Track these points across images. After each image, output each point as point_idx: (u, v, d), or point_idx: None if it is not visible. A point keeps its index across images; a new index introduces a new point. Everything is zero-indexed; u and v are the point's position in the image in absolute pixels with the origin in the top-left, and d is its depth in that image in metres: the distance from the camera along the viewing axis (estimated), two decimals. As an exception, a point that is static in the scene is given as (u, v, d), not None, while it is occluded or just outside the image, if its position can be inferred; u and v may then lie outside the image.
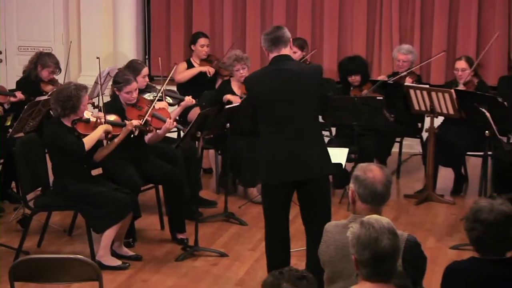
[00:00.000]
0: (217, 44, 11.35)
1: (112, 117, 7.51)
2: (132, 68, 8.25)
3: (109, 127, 7.24)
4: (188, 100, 8.50)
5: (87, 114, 7.30)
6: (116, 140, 7.36)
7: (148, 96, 8.14)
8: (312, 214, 6.07)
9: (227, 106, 8.25)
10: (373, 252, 3.88)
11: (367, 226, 3.93)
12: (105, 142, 7.41)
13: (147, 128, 7.60)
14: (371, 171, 4.78)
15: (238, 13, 11.72)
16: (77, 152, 7.10)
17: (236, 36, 11.65)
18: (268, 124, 6.12)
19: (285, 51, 6.10)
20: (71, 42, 10.44)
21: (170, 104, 8.56)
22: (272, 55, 6.12)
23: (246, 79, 6.63)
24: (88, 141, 7.08)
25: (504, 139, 8.78)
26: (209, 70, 9.84)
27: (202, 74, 9.88)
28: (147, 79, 8.50)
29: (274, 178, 6.17)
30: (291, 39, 6.21)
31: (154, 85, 8.72)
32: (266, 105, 6.12)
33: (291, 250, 6.33)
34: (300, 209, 6.24)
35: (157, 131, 7.76)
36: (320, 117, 6.81)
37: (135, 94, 7.76)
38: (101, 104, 7.83)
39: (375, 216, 4.12)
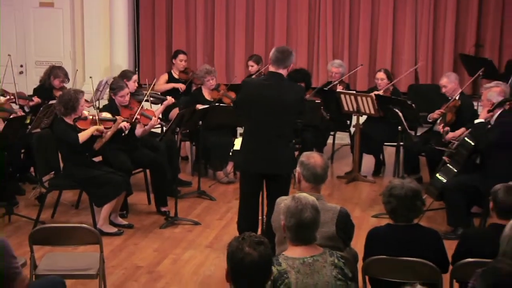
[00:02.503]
0: (192, 59, 11.31)
1: (107, 115, 7.53)
2: (125, 75, 8.33)
3: (100, 127, 7.21)
4: (170, 100, 8.52)
5: (85, 113, 7.32)
6: (109, 132, 7.36)
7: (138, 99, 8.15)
8: (274, 197, 6.07)
9: (200, 108, 8.25)
10: (297, 221, 3.91)
11: (297, 200, 3.98)
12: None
13: (134, 121, 7.62)
14: (313, 157, 4.85)
15: (208, 34, 11.70)
16: (73, 143, 7.08)
17: (207, 52, 11.66)
18: (252, 125, 6.12)
19: (282, 71, 5.98)
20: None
21: (154, 103, 8.57)
22: (270, 68, 6.06)
23: (244, 81, 6.47)
24: (82, 136, 7.07)
25: (413, 132, 8.85)
26: (181, 87, 9.78)
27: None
28: (136, 84, 8.51)
29: (248, 168, 6.21)
30: (292, 65, 6.07)
31: (142, 90, 8.73)
32: (251, 109, 6.06)
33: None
34: (266, 192, 6.24)
35: (145, 126, 7.77)
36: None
37: (127, 98, 7.78)
38: (99, 106, 7.86)
39: (304, 194, 4.17)
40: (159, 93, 9.53)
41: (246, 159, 6.21)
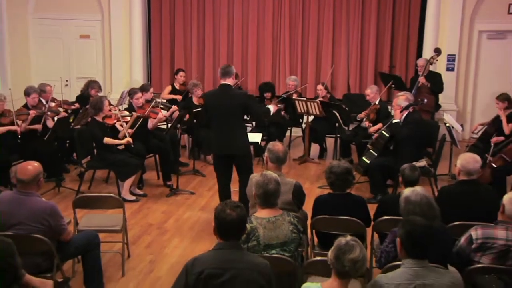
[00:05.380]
0: (188, 75, 11.22)
1: (126, 112, 7.69)
2: (145, 88, 8.37)
3: (123, 142, 7.22)
4: (174, 108, 8.47)
5: (111, 112, 7.41)
6: (128, 124, 7.38)
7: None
8: (241, 172, 6.08)
9: (194, 110, 8.23)
10: (263, 190, 3.96)
11: (264, 176, 4.03)
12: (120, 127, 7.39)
13: (146, 115, 7.65)
14: (277, 145, 4.90)
15: (200, 56, 11.63)
16: (98, 141, 7.10)
17: (199, 69, 11.62)
18: (215, 122, 6.11)
19: (229, 80, 6.01)
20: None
21: (164, 109, 8.55)
22: (221, 81, 6.06)
23: (204, 95, 6.59)
24: (107, 141, 7.07)
25: (346, 128, 8.90)
26: (178, 98, 9.69)
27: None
28: (152, 94, 8.52)
29: (217, 151, 6.21)
30: (234, 73, 6.14)
31: (154, 98, 8.67)
32: (213, 111, 6.09)
33: (231, 190, 6.32)
34: (236, 169, 6.22)
35: (154, 119, 7.79)
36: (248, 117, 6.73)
37: (140, 100, 7.85)
38: (121, 108, 7.91)
39: (270, 171, 4.22)
40: (166, 100, 9.51)
41: (215, 145, 6.19)
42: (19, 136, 7.38)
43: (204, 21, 11.48)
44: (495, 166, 6.97)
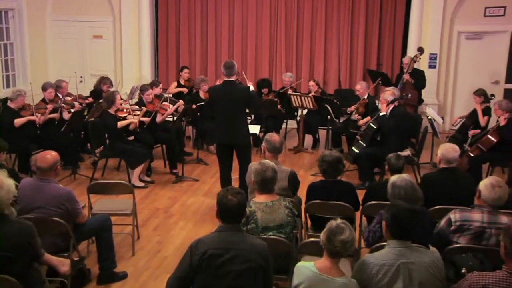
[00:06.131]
0: (192, 71, 11.22)
1: (136, 107, 7.67)
2: (154, 83, 8.38)
3: (133, 121, 7.23)
4: (180, 102, 8.45)
5: (122, 106, 7.41)
6: (138, 116, 7.38)
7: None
8: (241, 161, 6.08)
9: (198, 104, 8.22)
10: (261, 177, 3.96)
11: (262, 164, 4.03)
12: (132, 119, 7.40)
13: (155, 111, 7.67)
14: (274, 136, 4.90)
15: (203, 54, 11.60)
16: (113, 128, 7.10)
17: (202, 66, 11.59)
18: (219, 114, 6.10)
19: (233, 77, 6.00)
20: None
21: (171, 103, 8.54)
22: (225, 78, 6.03)
23: (209, 89, 6.55)
24: (121, 124, 7.10)
25: (337, 120, 8.90)
26: (184, 90, 9.71)
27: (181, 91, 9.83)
28: (161, 89, 8.51)
29: (220, 141, 6.19)
30: (237, 71, 6.12)
31: (163, 94, 8.65)
32: (217, 104, 6.07)
33: (232, 177, 6.32)
34: (236, 158, 6.21)
35: (162, 115, 7.78)
36: (247, 110, 6.70)
37: (151, 96, 7.86)
38: (132, 102, 7.89)
39: (267, 160, 4.21)
40: (172, 95, 9.49)
41: (218, 135, 6.19)
42: (38, 126, 7.41)
43: (207, 22, 11.46)
44: (472, 155, 7.00)
